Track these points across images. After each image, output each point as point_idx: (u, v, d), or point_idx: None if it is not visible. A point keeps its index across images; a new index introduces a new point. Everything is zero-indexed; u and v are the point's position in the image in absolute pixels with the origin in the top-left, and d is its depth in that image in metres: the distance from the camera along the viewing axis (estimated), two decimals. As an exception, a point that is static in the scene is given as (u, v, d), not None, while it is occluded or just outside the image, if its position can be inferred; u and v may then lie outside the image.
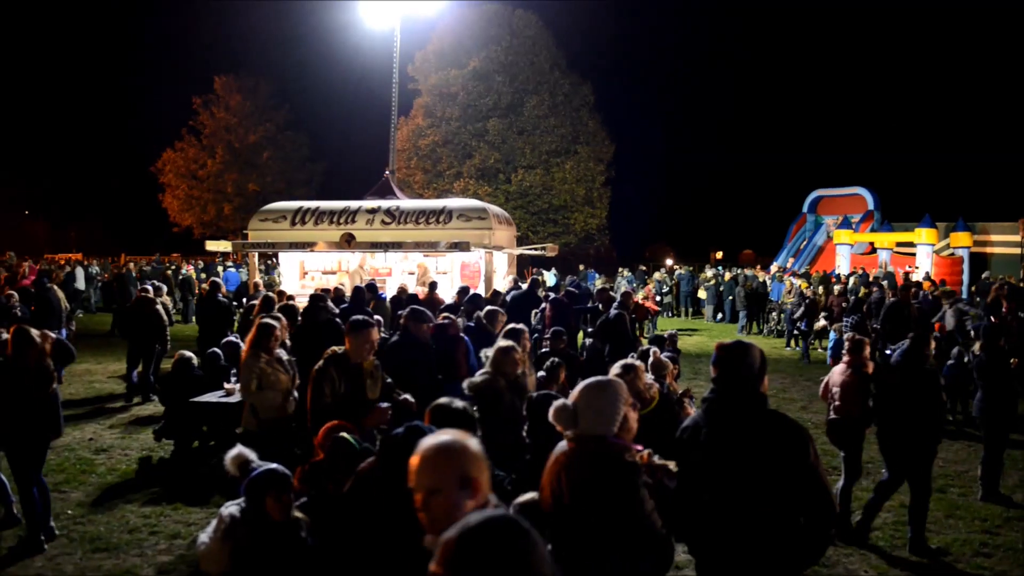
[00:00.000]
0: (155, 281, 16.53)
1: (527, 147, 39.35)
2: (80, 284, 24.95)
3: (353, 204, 16.95)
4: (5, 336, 8.29)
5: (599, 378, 3.63)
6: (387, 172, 19.55)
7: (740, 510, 3.45)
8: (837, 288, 20.40)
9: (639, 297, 21.49)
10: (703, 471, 3.49)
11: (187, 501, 7.86)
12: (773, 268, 31.86)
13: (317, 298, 9.83)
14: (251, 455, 4.15)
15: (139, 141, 69.36)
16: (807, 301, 18.61)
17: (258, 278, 17.83)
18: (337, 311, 10.77)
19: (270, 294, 12.79)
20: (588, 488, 3.35)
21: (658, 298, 23.70)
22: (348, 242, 15.79)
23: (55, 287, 14.07)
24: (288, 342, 8.32)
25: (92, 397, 12.86)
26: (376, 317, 8.92)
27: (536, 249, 20.41)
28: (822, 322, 19.15)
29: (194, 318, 18.18)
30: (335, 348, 5.80)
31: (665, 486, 3.52)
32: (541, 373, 8.13)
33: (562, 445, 3.54)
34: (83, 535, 7.08)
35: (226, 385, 9.52)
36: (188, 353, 10.16)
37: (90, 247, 53.92)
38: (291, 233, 16.71)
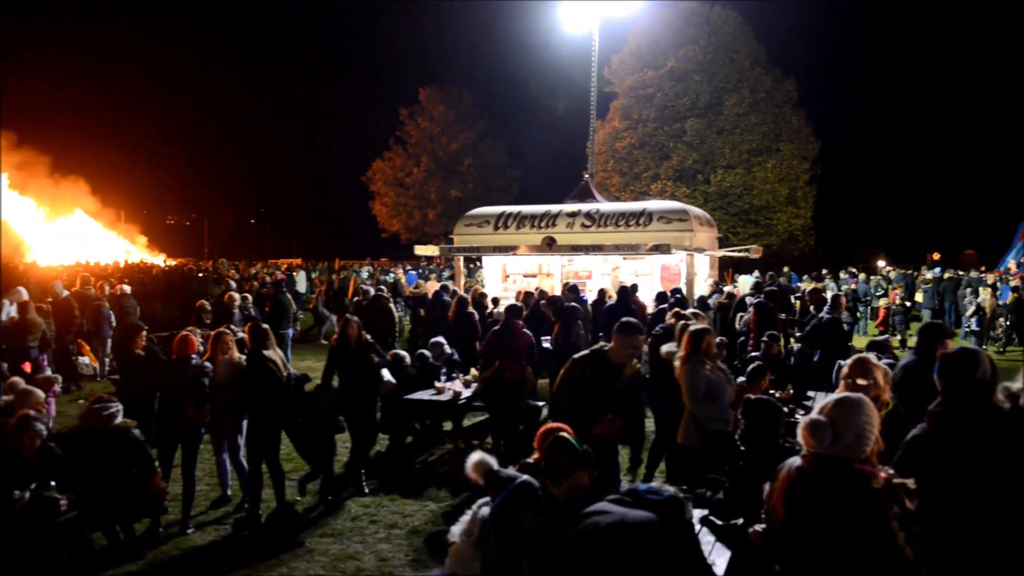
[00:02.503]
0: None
1: (726, 147, 38.37)
2: (301, 287, 26.80)
3: (553, 208, 17.18)
4: (242, 334, 9.06)
5: (850, 395, 3.32)
6: (586, 176, 19.68)
7: (975, 530, 3.21)
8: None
9: (882, 303, 20.51)
10: (932, 489, 3.23)
11: (402, 493, 8.27)
12: (1011, 265, 29.42)
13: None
14: (493, 462, 4.14)
15: (352, 153, 73.87)
16: (977, 301, 18.54)
17: (463, 280, 18.41)
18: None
19: (464, 295, 13.26)
20: (830, 516, 3.09)
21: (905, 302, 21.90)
22: (549, 245, 16.01)
23: (287, 292, 15.19)
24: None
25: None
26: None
27: (739, 251, 19.85)
28: None
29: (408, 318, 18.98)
30: (603, 343, 5.91)
31: (908, 511, 3.09)
32: (741, 379, 7.93)
33: (795, 461, 3.30)
34: (310, 520, 7.59)
35: (436, 384, 9.91)
36: (402, 352, 10.66)
37: (309, 252, 57.72)
38: (494, 237, 17.16)
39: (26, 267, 27.20)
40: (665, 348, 7.77)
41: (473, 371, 10.35)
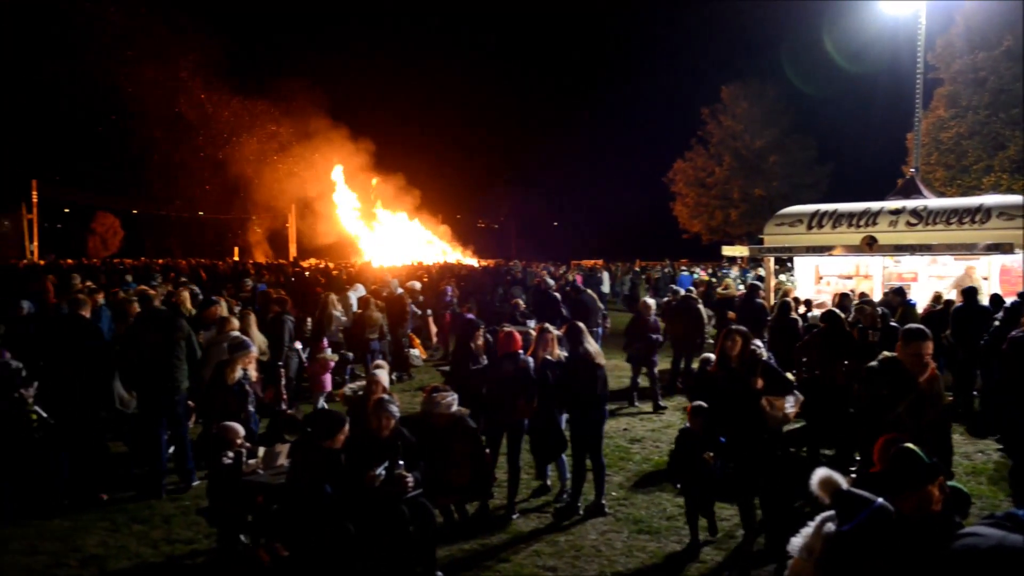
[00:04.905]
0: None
1: (1080, 133, 33.79)
2: (605, 287, 27.42)
3: (874, 205, 16.15)
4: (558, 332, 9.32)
5: None
6: (911, 170, 18.27)
7: None
8: None
9: None
10: None
11: (719, 497, 8.15)
12: None
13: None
14: (842, 481, 3.96)
15: (653, 154, 74.40)
16: None
17: (774, 282, 17.86)
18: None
19: (787, 299, 12.75)
20: None
21: None
22: (869, 245, 15.04)
23: (589, 291, 15.60)
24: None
25: (621, 391, 13.93)
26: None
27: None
28: None
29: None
30: (886, 352, 5.56)
31: None
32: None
33: None
34: (626, 516, 7.71)
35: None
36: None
37: (608, 253, 58.85)
38: (807, 237, 16.48)
39: (360, 267, 30.15)
40: None
41: (788, 375, 9.98)
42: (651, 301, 13.47)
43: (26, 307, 10.71)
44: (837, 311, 9.89)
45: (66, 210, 71.32)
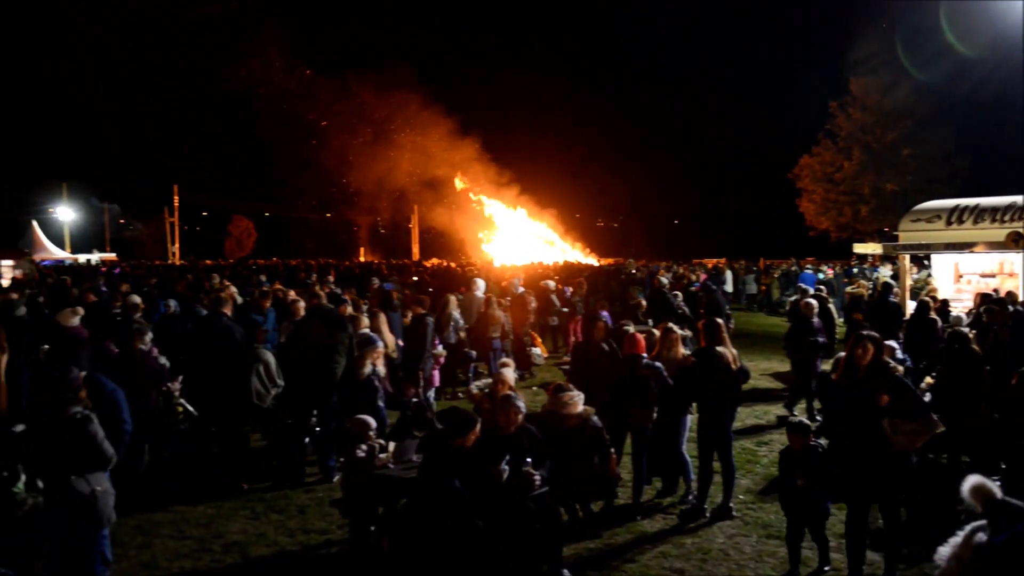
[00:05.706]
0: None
1: None
2: (728, 286, 26.90)
3: (1020, 199, 15.25)
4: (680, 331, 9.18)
5: None
6: (1060, 161, 17.18)
7: None
8: None
9: None
10: None
11: (832, 500, 7.85)
12: None
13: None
14: (995, 489, 3.78)
15: (778, 149, 72.34)
16: None
17: (910, 281, 17.11)
18: None
19: (926, 299, 12.21)
20: None
21: None
22: (1015, 242, 14.22)
23: (716, 289, 15.33)
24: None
25: (746, 391, 13.60)
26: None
27: None
28: None
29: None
30: None
31: None
32: None
33: None
34: (755, 520, 7.56)
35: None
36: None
37: (730, 251, 57.63)
38: (946, 233, 15.74)
39: (482, 266, 30.51)
40: None
41: (928, 379, 9.57)
42: (814, 302, 12.40)
43: (172, 306, 11.36)
44: (964, 331, 9.26)
45: (204, 213, 75.18)
